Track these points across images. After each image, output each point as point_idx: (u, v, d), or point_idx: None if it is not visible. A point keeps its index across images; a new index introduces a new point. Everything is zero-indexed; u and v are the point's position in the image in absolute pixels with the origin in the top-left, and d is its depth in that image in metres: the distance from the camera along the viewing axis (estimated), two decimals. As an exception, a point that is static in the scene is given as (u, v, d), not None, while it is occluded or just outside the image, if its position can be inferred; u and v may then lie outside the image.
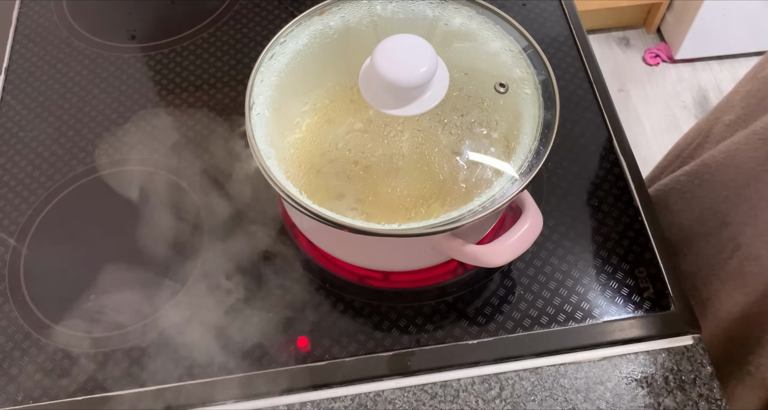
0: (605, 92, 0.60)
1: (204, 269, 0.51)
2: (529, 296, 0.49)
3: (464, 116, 0.41)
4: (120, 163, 0.57)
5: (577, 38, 0.63)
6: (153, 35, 0.65)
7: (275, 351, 0.47)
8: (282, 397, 0.46)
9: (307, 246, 0.52)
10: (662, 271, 0.50)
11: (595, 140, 0.57)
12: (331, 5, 0.46)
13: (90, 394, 0.46)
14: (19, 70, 0.63)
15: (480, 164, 0.40)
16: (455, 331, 0.48)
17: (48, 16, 0.67)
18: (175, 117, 0.59)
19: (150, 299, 0.49)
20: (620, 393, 0.46)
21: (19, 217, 0.54)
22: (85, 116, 0.60)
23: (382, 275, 0.51)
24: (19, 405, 0.46)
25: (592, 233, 0.52)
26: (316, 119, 0.41)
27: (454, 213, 0.39)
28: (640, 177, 0.55)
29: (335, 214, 0.39)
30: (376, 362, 0.47)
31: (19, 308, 0.50)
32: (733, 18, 1.40)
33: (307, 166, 0.40)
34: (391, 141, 0.40)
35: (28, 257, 0.52)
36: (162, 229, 0.52)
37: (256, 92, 0.42)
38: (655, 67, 1.54)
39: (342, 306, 0.49)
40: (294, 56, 0.44)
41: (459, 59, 0.43)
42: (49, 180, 0.56)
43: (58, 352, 0.48)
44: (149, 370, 0.47)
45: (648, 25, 1.58)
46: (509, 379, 0.47)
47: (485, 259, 0.40)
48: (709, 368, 0.46)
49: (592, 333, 0.48)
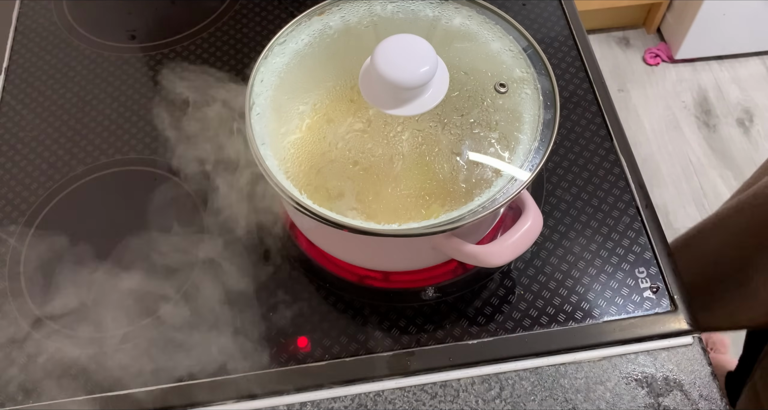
0: (605, 92, 0.60)
1: (204, 269, 0.51)
2: (529, 296, 0.49)
3: (464, 116, 0.41)
4: (120, 163, 0.57)
5: (577, 38, 0.63)
6: (153, 35, 0.65)
7: (275, 351, 0.47)
8: (282, 397, 0.46)
9: (307, 246, 0.52)
10: (662, 271, 0.50)
11: (595, 140, 0.57)
12: (331, 5, 0.46)
13: (90, 394, 0.46)
14: (19, 70, 0.63)
15: (480, 164, 0.40)
16: (455, 331, 0.48)
17: (48, 16, 0.67)
18: (174, 117, 0.59)
19: (150, 299, 0.49)
20: (620, 393, 0.46)
21: (19, 217, 0.54)
22: (85, 116, 0.60)
23: (382, 275, 0.51)
24: (19, 405, 0.46)
25: (592, 233, 0.52)
26: (316, 119, 0.41)
27: (454, 213, 0.39)
28: (640, 177, 0.55)
29: (335, 214, 0.39)
30: (376, 362, 0.47)
31: (19, 307, 0.50)
32: (733, 18, 1.40)
33: (307, 166, 0.40)
34: (391, 141, 0.40)
35: (28, 257, 0.52)
36: (161, 229, 0.52)
37: (256, 92, 0.42)
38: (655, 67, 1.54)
39: (342, 306, 0.49)
40: (294, 56, 0.44)
41: (459, 59, 0.43)
42: (49, 180, 0.56)
43: (58, 352, 0.48)
44: (149, 370, 0.47)
45: (648, 25, 1.58)
46: (509, 379, 0.47)
47: (485, 259, 0.40)
48: (709, 368, 0.46)
49: (592, 333, 0.48)
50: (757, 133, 1.42)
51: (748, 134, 1.43)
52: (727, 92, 1.49)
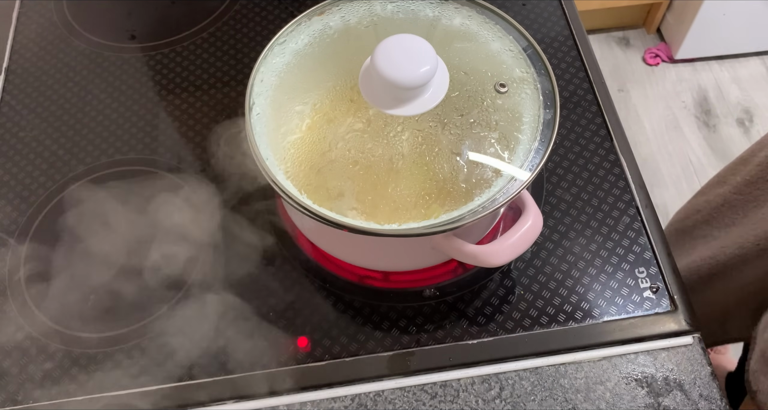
0: (605, 92, 0.60)
1: (204, 269, 0.51)
2: (529, 296, 0.49)
3: (464, 116, 0.41)
4: (120, 163, 0.57)
5: (577, 38, 0.63)
6: (153, 35, 0.65)
7: (275, 351, 0.47)
8: (282, 397, 0.46)
9: (307, 246, 0.52)
10: (662, 271, 0.50)
11: (595, 140, 0.57)
12: (331, 5, 0.46)
13: (90, 394, 0.46)
14: (19, 70, 0.63)
15: (480, 164, 0.40)
16: (455, 331, 0.48)
17: (48, 16, 0.67)
18: (174, 117, 0.59)
19: (150, 300, 0.49)
20: (620, 393, 0.46)
21: (19, 217, 0.54)
22: (85, 116, 0.60)
23: (382, 275, 0.51)
24: (19, 405, 0.46)
25: (592, 233, 0.52)
26: (316, 119, 0.41)
27: (454, 213, 0.39)
28: (640, 177, 0.55)
29: (335, 214, 0.39)
30: (376, 362, 0.47)
31: (18, 307, 0.50)
32: (733, 18, 1.40)
33: (307, 166, 0.40)
34: (391, 141, 0.40)
35: (28, 257, 0.52)
36: (162, 229, 0.52)
37: (256, 92, 0.42)
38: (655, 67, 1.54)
39: (342, 306, 0.49)
40: (294, 56, 0.44)
41: (459, 59, 0.43)
42: (49, 180, 0.56)
43: (58, 352, 0.48)
44: (149, 370, 0.47)
45: (648, 25, 1.58)
46: (509, 379, 0.47)
47: (485, 259, 0.40)
48: (709, 368, 0.46)
49: (592, 333, 0.48)
50: (757, 133, 1.42)
51: (748, 134, 1.43)
52: (727, 92, 1.49)
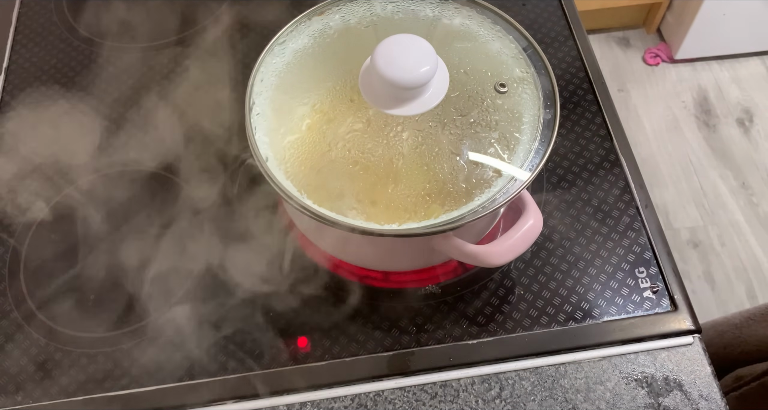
0: (605, 92, 0.60)
1: (204, 269, 0.51)
2: (529, 296, 0.49)
3: (464, 116, 0.41)
4: (120, 163, 0.57)
5: (577, 38, 0.63)
6: (153, 35, 0.65)
7: (275, 351, 0.47)
8: (282, 397, 0.46)
9: (307, 246, 0.52)
10: (662, 271, 0.50)
11: (595, 140, 0.57)
12: (331, 5, 0.46)
13: (90, 394, 0.46)
14: (19, 70, 0.63)
15: (480, 164, 0.40)
16: (455, 331, 0.48)
17: (48, 16, 0.67)
18: (175, 117, 0.59)
19: (150, 299, 0.49)
20: (620, 393, 0.46)
21: (19, 217, 0.54)
22: (85, 116, 0.60)
23: (382, 275, 0.51)
24: (19, 405, 0.46)
25: (592, 233, 0.52)
26: (316, 119, 0.41)
27: (454, 213, 0.39)
28: (640, 177, 0.55)
29: (335, 214, 0.39)
30: (376, 362, 0.47)
31: (18, 307, 0.50)
32: (733, 18, 1.40)
33: (307, 166, 0.40)
34: (391, 141, 0.40)
35: (28, 257, 0.52)
36: (162, 228, 0.52)
37: (256, 92, 0.42)
38: (655, 67, 1.54)
39: (342, 306, 0.49)
40: (294, 56, 0.44)
41: (459, 59, 0.43)
42: (49, 180, 0.56)
43: (58, 352, 0.48)
44: (149, 370, 0.47)
45: (648, 25, 1.58)
46: (509, 379, 0.47)
47: (485, 259, 0.40)
48: (709, 368, 0.46)
49: (592, 333, 0.48)
50: (757, 133, 1.42)
51: (748, 133, 1.42)
52: (727, 92, 1.49)
